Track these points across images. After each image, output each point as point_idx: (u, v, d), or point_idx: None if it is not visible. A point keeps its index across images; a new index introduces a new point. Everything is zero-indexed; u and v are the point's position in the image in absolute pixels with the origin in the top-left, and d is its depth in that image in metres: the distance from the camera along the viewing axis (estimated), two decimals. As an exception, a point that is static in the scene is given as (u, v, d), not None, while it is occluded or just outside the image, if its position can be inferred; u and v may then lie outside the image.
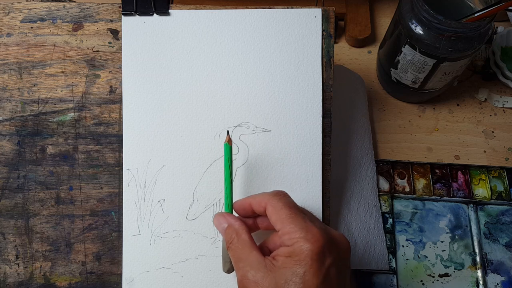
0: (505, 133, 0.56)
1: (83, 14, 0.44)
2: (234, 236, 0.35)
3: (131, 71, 0.43)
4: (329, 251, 0.32)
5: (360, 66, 0.60)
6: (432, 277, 0.49)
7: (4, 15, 0.44)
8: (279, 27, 0.44)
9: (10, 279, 0.44)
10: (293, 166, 0.43)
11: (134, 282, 0.42)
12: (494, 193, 0.53)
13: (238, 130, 0.43)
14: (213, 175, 0.43)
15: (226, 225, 0.37)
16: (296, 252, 0.32)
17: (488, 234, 0.51)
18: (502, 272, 0.49)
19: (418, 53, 0.48)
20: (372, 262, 0.48)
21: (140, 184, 0.43)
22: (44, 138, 0.44)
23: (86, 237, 0.44)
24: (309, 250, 0.32)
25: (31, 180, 0.44)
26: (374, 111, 0.57)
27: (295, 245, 0.32)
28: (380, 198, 0.52)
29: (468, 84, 0.59)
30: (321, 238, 0.32)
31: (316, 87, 0.44)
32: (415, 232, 0.51)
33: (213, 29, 0.44)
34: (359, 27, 0.60)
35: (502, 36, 0.59)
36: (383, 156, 0.55)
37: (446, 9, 0.49)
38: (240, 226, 0.36)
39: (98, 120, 0.44)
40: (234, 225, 0.36)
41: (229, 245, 0.36)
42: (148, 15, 0.43)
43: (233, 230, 0.36)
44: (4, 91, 0.44)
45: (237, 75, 0.44)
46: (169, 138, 0.43)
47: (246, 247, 0.34)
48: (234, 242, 0.35)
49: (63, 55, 0.44)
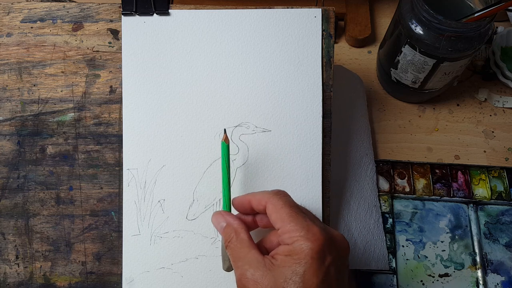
0: (505, 133, 0.56)
1: (83, 14, 0.44)
2: (233, 235, 0.35)
3: (131, 71, 0.43)
4: (329, 250, 0.32)
5: (360, 66, 0.60)
6: (432, 277, 0.49)
7: (4, 15, 0.44)
8: (279, 27, 0.44)
9: (10, 279, 0.44)
10: (293, 166, 0.43)
11: (134, 282, 0.42)
12: (494, 193, 0.53)
13: (238, 130, 0.43)
14: (213, 175, 0.43)
15: (224, 224, 0.36)
16: (296, 251, 0.32)
17: (488, 234, 0.51)
18: (502, 272, 0.49)
19: (418, 53, 0.48)
20: (372, 262, 0.48)
21: (140, 184, 0.43)
22: (44, 138, 0.44)
23: (86, 237, 0.44)
24: (309, 249, 0.32)
25: (31, 180, 0.44)
26: (374, 111, 0.57)
27: (295, 243, 0.32)
28: (380, 198, 0.52)
29: (468, 84, 0.59)
30: (322, 237, 0.32)
31: (316, 87, 0.44)
32: (415, 232, 0.51)
33: (213, 29, 0.44)
34: (359, 27, 0.60)
35: (502, 36, 0.59)
36: (383, 156, 0.55)
37: (446, 9, 0.49)
38: (239, 225, 0.36)
39: (98, 120, 0.44)
40: (232, 224, 0.36)
41: (227, 244, 0.36)
42: (148, 15, 0.43)
43: (231, 229, 0.36)
44: (4, 91, 0.44)
45: (237, 75, 0.44)
46: (169, 138, 0.43)
47: (244, 245, 0.34)
48: (233, 241, 0.35)
49: (63, 55, 0.44)
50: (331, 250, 0.33)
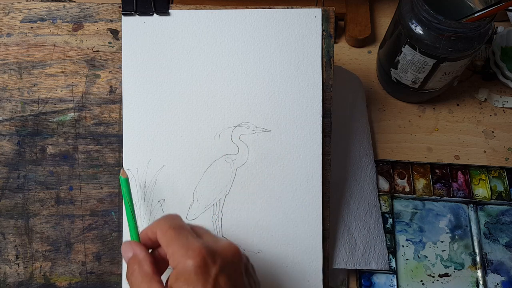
0: (505, 133, 0.56)
1: (83, 14, 0.44)
2: (136, 267, 0.34)
3: (131, 71, 0.43)
4: (212, 261, 0.32)
5: (360, 66, 0.60)
6: (432, 277, 0.49)
7: (4, 15, 0.44)
8: (279, 27, 0.44)
9: (10, 279, 0.44)
10: (293, 166, 0.43)
11: (134, 282, 0.42)
12: (494, 193, 0.53)
13: (238, 130, 0.43)
14: (213, 175, 0.43)
15: (131, 254, 0.35)
16: (181, 272, 0.31)
17: (488, 234, 0.51)
18: (502, 272, 0.49)
19: (418, 53, 0.48)
20: (372, 262, 0.48)
21: (140, 184, 0.43)
22: (44, 138, 0.44)
23: (86, 237, 0.44)
24: (191, 266, 0.31)
25: (31, 180, 0.44)
26: (374, 111, 0.57)
27: (178, 265, 0.32)
28: (380, 198, 0.52)
29: (468, 84, 0.59)
30: (202, 250, 0.32)
31: (316, 87, 0.44)
32: (415, 232, 0.51)
33: (213, 29, 0.44)
34: (359, 27, 0.60)
35: (502, 36, 0.59)
36: (383, 156, 0.55)
37: (446, 9, 0.49)
38: (144, 257, 0.34)
39: (98, 120, 0.44)
40: (138, 255, 0.34)
41: (129, 275, 0.34)
42: (148, 15, 0.43)
43: (135, 260, 0.34)
44: (4, 91, 0.44)
45: (237, 75, 0.44)
46: (169, 138, 0.43)
47: (146, 279, 0.33)
48: (135, 273, 0.33)
49: (63, 55, 0.44)
50: (215, 259, 0.32)
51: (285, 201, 0.43)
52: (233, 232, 0.43)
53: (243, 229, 0.43)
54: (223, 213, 0.43)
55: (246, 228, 0.43)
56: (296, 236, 0.43)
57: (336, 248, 0.48)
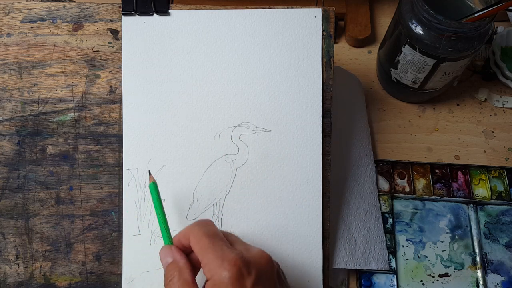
0: (505, 133, 0.56)
1: (83, 14, 0.44)
2: (176, 274, 0.34)
3: (131, 71, 0.43)
4: (248, 272, 0.32)
5: (360, 66, 0.60)
6: (432, 277, 0.49)
7: (4, 15, 0.44)
8: (279, 27, 0.44)
9: (10, 279, 0.44)
10: (293, 166, 0.43)
11: (134, 282, 0.42)
12: (494, 193, 0.53)
13: (238, 130, 0.43)
14: (213, 175, 0.43)
15: (170, 260, 0.35)
16: (217, 284, 0.31)
17: (488, 234, 0.51)
18: (502, 272, 0.49)
19: (418, 53, 0.48)
20: (372, 262, 0.48)
21: (140, 184, 0.43)
22: (44, 138, 0.44)
23: (86, 237, 0.44)
24: (227, 278, 0.31)
25: (31, 180, 0.44)
26: (374, 111, 0.57)
27: (214, 276, 0.32)
28: (380, 198, 0.52)
29: (468, 84, 0.59)
30: (237, 262, 0.32)
31: (316, 87, 0.44)
32: (415, 232, 0.51)
33: (213, 29, 0.44)
34: (359, 27, 0.60)
35: (502, 36, 0.59)
36: (383, 156, 0.55)
37: (446, 9, 0.49)
38: (185, 265, 0.34)
39: (98, 120, 0.44)
40: (179, 262, 0.34)
41: (167, 282, 0.34)
42: (148, 15, 0.44)
43: (175, 267, 0.34)
44: (4, 91, 0.44)
45: (237, 75, 0.44)
46: (169, 138, 0.43)
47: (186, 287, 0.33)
48: (174, 281, 0.33)
49: (63, 55, 0.44)
50: (250, 270, 0.32)
51: (285, 201, 0.43)
52: (233, 232, 0.43)
53: (243, 229, 0.43)
54: (223, 213, 0.43)
55: (246, 228, 0.43)
56: (296, 236, 0.43)
57: (336, 248, 0.48)
